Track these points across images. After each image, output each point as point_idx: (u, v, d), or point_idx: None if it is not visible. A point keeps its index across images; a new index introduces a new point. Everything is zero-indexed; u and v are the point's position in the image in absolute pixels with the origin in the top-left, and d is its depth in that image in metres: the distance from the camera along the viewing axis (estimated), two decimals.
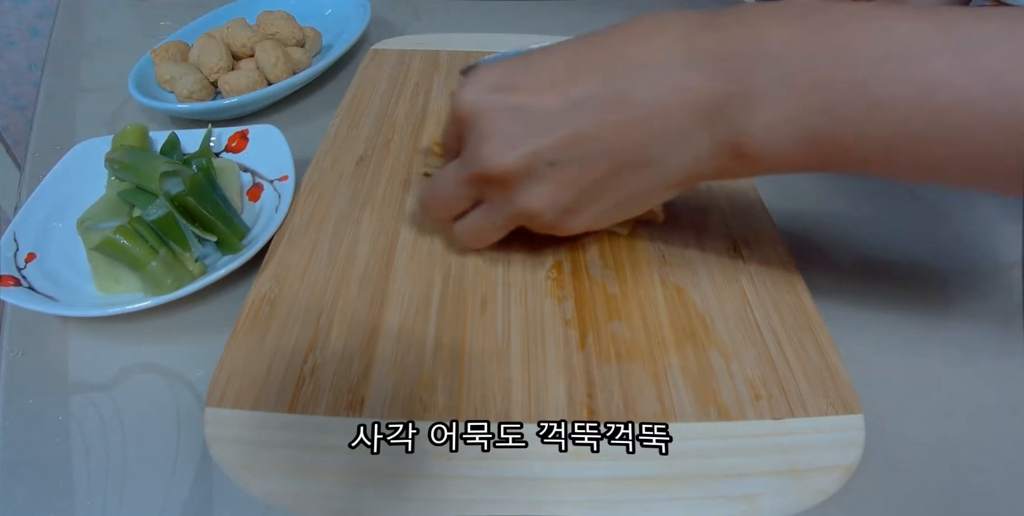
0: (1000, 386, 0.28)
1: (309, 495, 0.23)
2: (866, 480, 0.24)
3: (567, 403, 0.26)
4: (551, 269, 0.31)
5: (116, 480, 0.25)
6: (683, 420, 0.25)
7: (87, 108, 0.48)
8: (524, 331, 0.28)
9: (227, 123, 0.41)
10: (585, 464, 0.24)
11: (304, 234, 0.34)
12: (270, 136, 0.38)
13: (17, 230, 0.33)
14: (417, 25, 0.59)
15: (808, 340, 0.28)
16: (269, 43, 0.46)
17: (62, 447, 0.26)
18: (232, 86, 0.44)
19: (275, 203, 0.35)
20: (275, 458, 0.24)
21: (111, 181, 0.36)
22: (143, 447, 0.26)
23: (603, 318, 0.29)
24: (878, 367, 0.28)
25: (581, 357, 0.27)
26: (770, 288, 0.30)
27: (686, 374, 0.27)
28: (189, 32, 0.51)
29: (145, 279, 0.30)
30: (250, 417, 0.25)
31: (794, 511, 0.23)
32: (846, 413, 0.25)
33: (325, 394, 0.26)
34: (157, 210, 0.31)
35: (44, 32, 1.05)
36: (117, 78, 0.47)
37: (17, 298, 0.29)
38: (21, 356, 0.30)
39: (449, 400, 0.26)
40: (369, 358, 0.27)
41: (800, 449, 0.24)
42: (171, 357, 0.30)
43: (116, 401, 0.28)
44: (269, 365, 0.27)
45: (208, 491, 0.24)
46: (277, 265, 0.32)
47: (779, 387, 0.26)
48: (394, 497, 0.23)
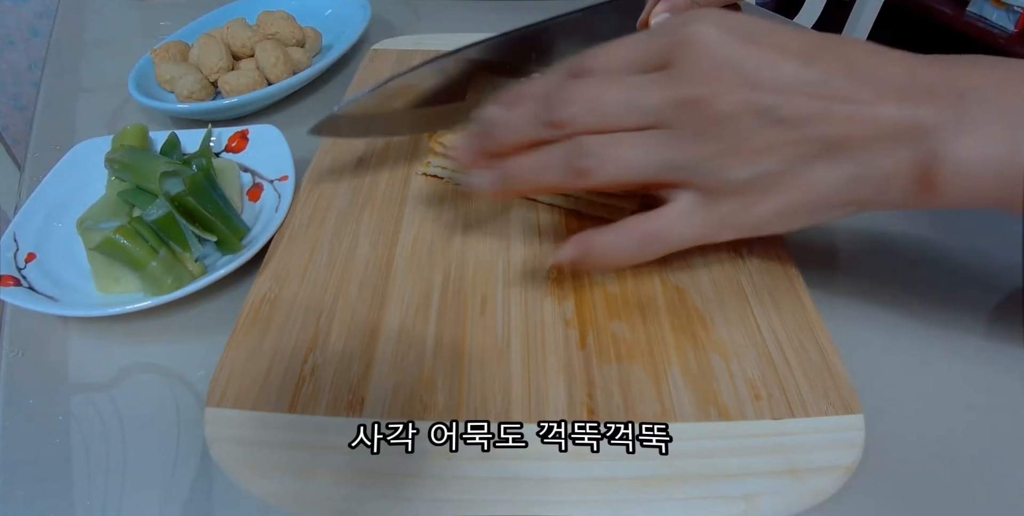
0: (1001, 386, 0.28)
1: (309, 495, 0.23)
2: (866, 480, 0.24)
3: (567, 403, 0.26)
4: (551, 269, 0.31)
5: (116, 480, 0.25)
6: (683, 420, 0.25)
7: (87, 108, 0.49)
8: (524, 331, 0.28)
9: (227, 123, 0.41)
10: (585, 464, 0.24)
11: (304, 234, 0.34)
12: (270, 136, 0.38)
13: (17, 230, 0.33)
14: (417, 25, 0.59)
15: (808, 340, 0.28)
16: (269, 43, 0.46)
17: (62, 447, 0.26)
18: (232, 86, 0.44)
19: (275, 203, 0.35)
20: (275, 458, 0.24)
21: (111, 181, 0.36)
22: (143, 447, 0.26)
23: (603, 318, 0.29)
24: (878, 367, 0.28)
25: (581, 357, 0.27)
26: (770, 288, 0.30)
27: (686, 374, 0.27)
28: (189, 32, 0.51)
29: (145, 279, 0.30)
30: (250, 417, 0.25)
31: (794, 511, 0.23)
32: (846, 413, 0.25)
33: (325, 394, 0.26)
34: (157, 210, 0.31)
35: (44, 32, 1.05)
36: (117, 78, 0.47)
37: (17, 298, 0.29)
38: (21, 356, 0.30)
39: (449, 400, 0.26)
40: (369, 358, 0.27)
41: (800, 449, 0.24)
42: (171, 357, 0.30)
43: (116, 401, 0.28)
44: (269, 365, 0.27)
45: (208, 491, 0.24)
46: (277, 265, 0.32)
47: (779, 387, 0.26)
48: (394, 497, 0.23)
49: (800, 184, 0.24)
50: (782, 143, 0.24)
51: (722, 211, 0.25)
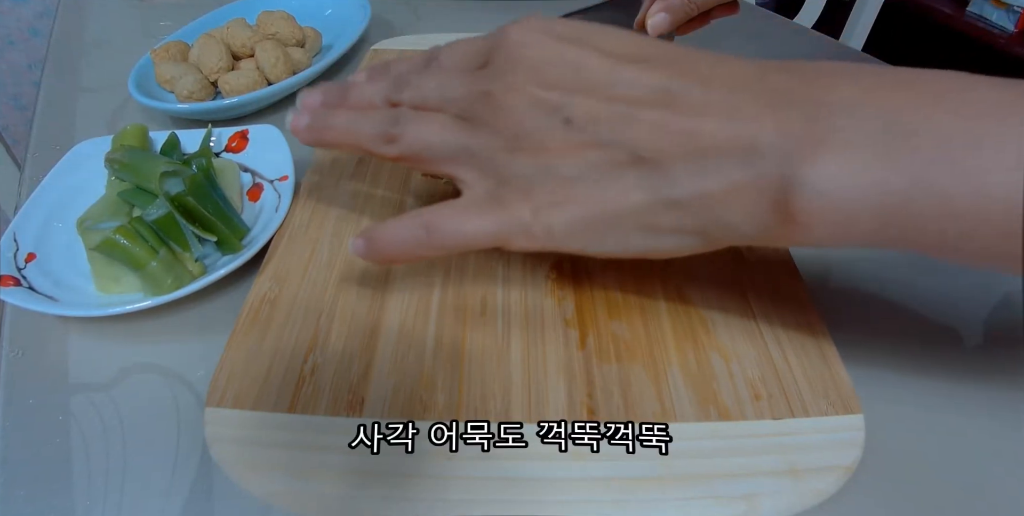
0: (1001, 386, 0.28)
1: (309, 495, 0.23)
2: (866, 480, 0.24)
3: (567, 403, 0.26)
4: (551, 269, 0.31)
5: (116, 480, 0.25)
6: (683, 420, 0.25)
7: (87, 108, 0.48)
8: (524, 331, 0.28)
9: (227, 123, 0.41)
10: (585, 464, 0.24)
11: (304, 234, 0.34)
12: (270, 136, 0.38)
13: (17, 230, 0.33)
14: (417, 25, 0.59)
15: (808, 340, 0.28)
16: (269, 43, 0.46)
17: (62, 447, 0.26)
18: (232, 86, 0.44)
19: (275, 203, 0.35)
20: (275, 458, 0.24)
21: (111, 181, 0.36)
22: (143, 447, 0.26)
23: (603, 318, 0.29)
24: (878, 367, 0.28)
25: (581, 357, 0.27)
26: (770, 288, 0.30)
27: (686, 374, 0.27)
28: (189, 32, 0.51)
29: (145, 279, 0.30)
30: (250, 417, 0.25)
31: (794, 511, 0.23)
32: (846, 413, 0.25)
33: (325, 394, 0.26)
34: (157, 210, 0.31)
35: (44, 32, 1.05)
36: (117, 78, 0.47)
37: (17, 298, 0.29)
38: (21, 356, 0.30)
39: (449, 400, 0.26)
40: (369, 358, 0.27)
41: (800, 449, 0.24)
42: (171, 357, 0.30)
43: (116, 401, 0.28)
44: (269, 365, 0.27)
45: (208, 491, 0.24)
46: (277, 265, 0.32)
47: (779, 387, 0.26)
48: (394, 497, 0.23)
49: (599, 195, 0.23)
50: (575, 145, 0.23)
51: (512, 209, 0.24)
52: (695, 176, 0.21)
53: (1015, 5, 1.31)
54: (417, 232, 0.25)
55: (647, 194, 0.22)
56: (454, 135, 0.25)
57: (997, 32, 1.34)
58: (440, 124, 0.26)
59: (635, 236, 0.23)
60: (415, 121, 0.26)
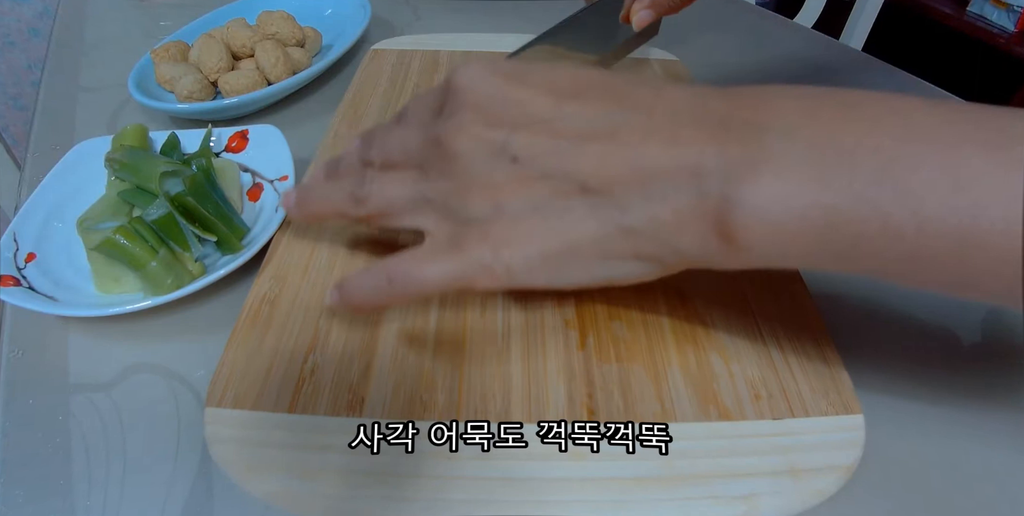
0: (1002, 386, 0.28)
1: (309, 495, 0.23)
2: (866, 480, 0.24)
3: (567, 403, 0.26)
4: None
5: (116, 480, 0.25)
6: (683, 420, 0.25)
7: (87, 108, 0.48)
8: (524, 331, 0.28)
9: (227, 123, 0.41)
10: (585, 464, 0.24)
11: (304, 234, 0.34)
12: (270, 136, 0.38)
13: (17, 230, 0.33)
14: (417, 25, 0.59)
15: (808, 340, 0.28)
16: (269, 43, 0.46)
17: (62, 447, 0.26)
18: (232, 86, 0.44)
19: (275, 203, 0.35)
20: (275, 458, 0.24)
21: (111, 181, 0.36)
22: (143, 447, 0.26)
23: (603, 318, 0.29)
24: (878, 367, 0.28)
25: (581, 357, 0.27)
26: (770, 289, 0.30)
27: (686, 374, 0.27)
28: (189, 32, 0.51)
29: (145, 279, 0.30)
30: (250, 417, 0.25)
31: (794, 511, 0.23)
32: (846, 413, 0.25)
33: (325, 394, 0.26)
34: (157, 210, 0.31)
35: (44, 32, 1.05)
36: (117, 78, 0.47)
37: (17, 298, 0.29)
38: (21, 356, 0.30)
39: (449, 400, 0.26)
40: (369, 358, 0.27)
41: (800, 449, 0.24)
42: (171, 357, 0.30)
43: (116, 401, 0.28)
44: (269, 365, 0.27)
45: (208, 491, 0.24)
46: (277, 265, 0.32)
47: (779, 387, 0.26)
48: (394, 497, 0.23)
49: (554, 228, 0.23)
50: (523, 181, 0.23)
51: (471, 251, 0.24)
52: (645, 202, 0.22)
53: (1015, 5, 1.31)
54: (380, 283, 0.25)
55: (600, 223, 0.22)
56: (411, 187, 0.26)
57: (997, 32, 1.35)
58: (399, 179, 0.26)
59: (596, 266, 0.24)
60: (378, 180, 0.27)
